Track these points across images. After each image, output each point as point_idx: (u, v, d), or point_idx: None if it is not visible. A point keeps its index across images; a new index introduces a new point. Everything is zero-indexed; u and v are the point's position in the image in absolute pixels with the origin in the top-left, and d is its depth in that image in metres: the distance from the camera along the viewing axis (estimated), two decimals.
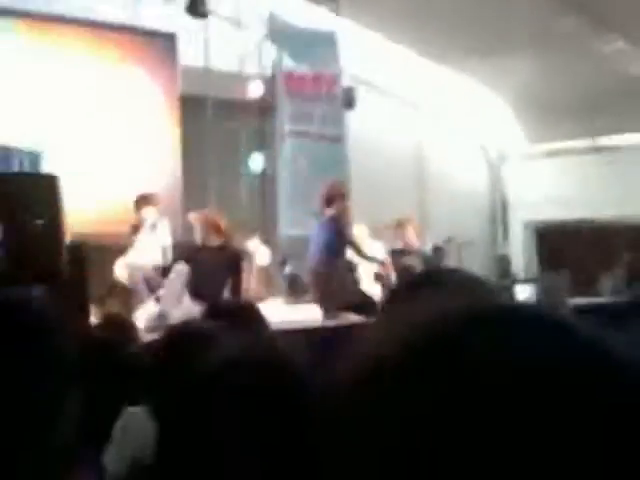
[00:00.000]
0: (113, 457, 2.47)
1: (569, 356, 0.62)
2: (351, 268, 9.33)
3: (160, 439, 1.69)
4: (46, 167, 7.44)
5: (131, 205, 9.47)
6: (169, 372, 2.08)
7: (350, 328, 6.89)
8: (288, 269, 12.25)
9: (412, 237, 10.73)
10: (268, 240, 12.50)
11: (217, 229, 8.44)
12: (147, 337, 5.27)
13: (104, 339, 3.10)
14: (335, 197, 8.78)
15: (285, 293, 11.64)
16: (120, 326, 4.26)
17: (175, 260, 8.54)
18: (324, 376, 1.31)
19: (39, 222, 4.67)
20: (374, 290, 9.13)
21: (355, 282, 9.16)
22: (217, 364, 1.44)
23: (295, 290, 11.61)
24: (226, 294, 8.20)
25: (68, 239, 7.61)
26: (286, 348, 1.54)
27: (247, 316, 3.20)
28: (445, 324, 0.66)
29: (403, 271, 9.41)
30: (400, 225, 10.76)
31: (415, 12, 13.01)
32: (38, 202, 4.81)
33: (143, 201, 9.36)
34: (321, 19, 13.51)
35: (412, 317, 0.69)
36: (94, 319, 6.44)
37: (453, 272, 1.86)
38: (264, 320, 3.32)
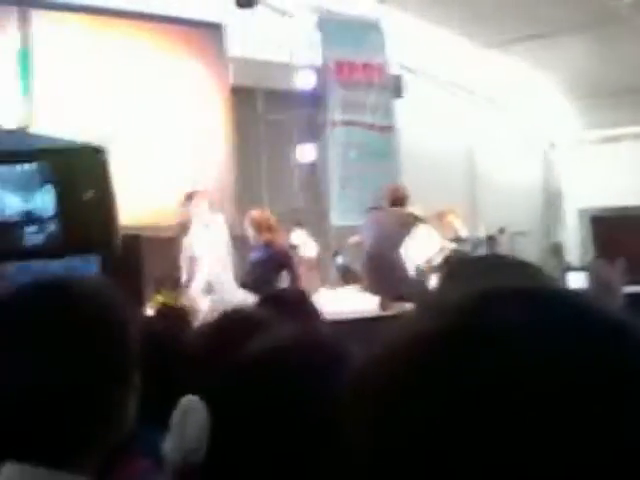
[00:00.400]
0: (170, 446, 2.49)
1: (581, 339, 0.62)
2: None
3: (212, 428, 1.71)
4: None
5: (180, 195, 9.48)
6: (219, 359, 2.10)
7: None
8: (340, 260, 12.27)
9: (457, 226, 10.77)
10: (319, 230, 12.52)
11: (266, 227, 8.65)
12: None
13: (160, 327, 3.13)
14: (402, 199, 9.14)
15: (337, 284, 11.66)
16: (176, 316, 4.30)
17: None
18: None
19: (89, 193, 4.67)
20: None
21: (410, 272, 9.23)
22: (267, 350, 1.45)
23: (347, 280, 11.62)
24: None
25: (123, 231, 7.69)
26: (338, 337, 1.54)
27: (298, 305, 3.21)
28: (454, 314, 0.66)
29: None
30: (440, 216, 10.78)
31: None
32: (87, 173, 4.81)
33: (192, 196, 9.28)
34: (367, 6, 13.47)
35: (435, 305, 0.69)
36: (149, 309, 6.53)
37: (499, 258, 1.84)
38: (315, 309, 3.33)
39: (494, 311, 0.63)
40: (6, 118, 7.30)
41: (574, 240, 16.97)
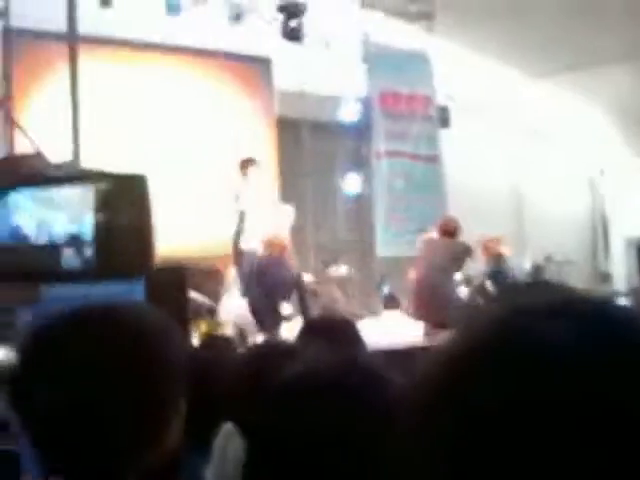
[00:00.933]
0: (213, 474, 2.52)
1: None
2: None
3: (245, 458, 1.73)
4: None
5: (226, 228, 9.61)
6: (249, 389, 2.11)
7: None
8: (386, 289, 12.24)
9: (504, 252, 10.79)
10: (364, 261, 12.52)
11: (277, 244, 8.89)
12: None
13: (206, 358, 3.15)
14: (454, 231, 9.31)
15: (382, 314, 11.62)
16: (222, 346, 4.34)
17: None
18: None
19: (128, 220, 4.69)
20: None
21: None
22: (297, 377, 1.45)
23: (392, 309, 11.58)
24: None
25: (168, 261, 7.76)
26: (373, 361, 1.53)
27: (343, 334, 3.20)
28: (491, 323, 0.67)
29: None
30: (486, 244, 10.80)
31: (509, 28, 12.91)
32: (127, 201, 4.82)
33: (248, 162, 9.62)
34: (415, 38, 13.51)
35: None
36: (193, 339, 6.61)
37: (545, 285, 1.84)
38: (360, 338, 3.31)
39: (527, 325, 0.64)
40: (55, 153, 7.41)
41: (621, 268, 16.78)
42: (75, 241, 4.73)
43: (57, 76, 9.36)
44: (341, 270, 11.53)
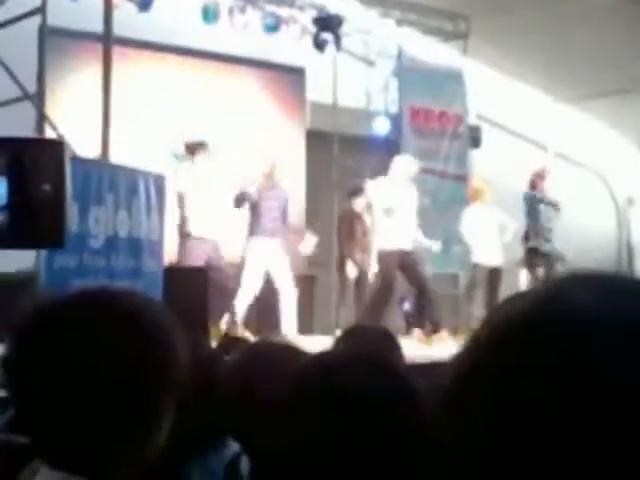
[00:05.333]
0: None
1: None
2: None
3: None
4: (170, 191, 7.61)
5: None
6: (240, 393, 2.09)
7: None
8: (407, 306, 12.21)
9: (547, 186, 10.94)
10: None
11: None
12: None
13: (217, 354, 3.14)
14: None
15: (402, 330, 11.58)
16: (234, 347, 4.33)
17: None
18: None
19: (45, 187, 4.62)
20: None
21: None
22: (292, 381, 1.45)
23: (413, 327, 11.53)
24: None
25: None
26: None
27: (383, 342, 3.19)
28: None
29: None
30: (538, 174, 10.94)
31: (542, 52, 12.89)
32: (44, 167, 4.76)
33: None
34: (449, 57, 13.51)
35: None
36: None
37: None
38: (399, 348, 3.30)
39: (569, 295, 0.65)
40: (85, 150, 7.48)
41: None
42: None
43: (90, 76, 9.46)
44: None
